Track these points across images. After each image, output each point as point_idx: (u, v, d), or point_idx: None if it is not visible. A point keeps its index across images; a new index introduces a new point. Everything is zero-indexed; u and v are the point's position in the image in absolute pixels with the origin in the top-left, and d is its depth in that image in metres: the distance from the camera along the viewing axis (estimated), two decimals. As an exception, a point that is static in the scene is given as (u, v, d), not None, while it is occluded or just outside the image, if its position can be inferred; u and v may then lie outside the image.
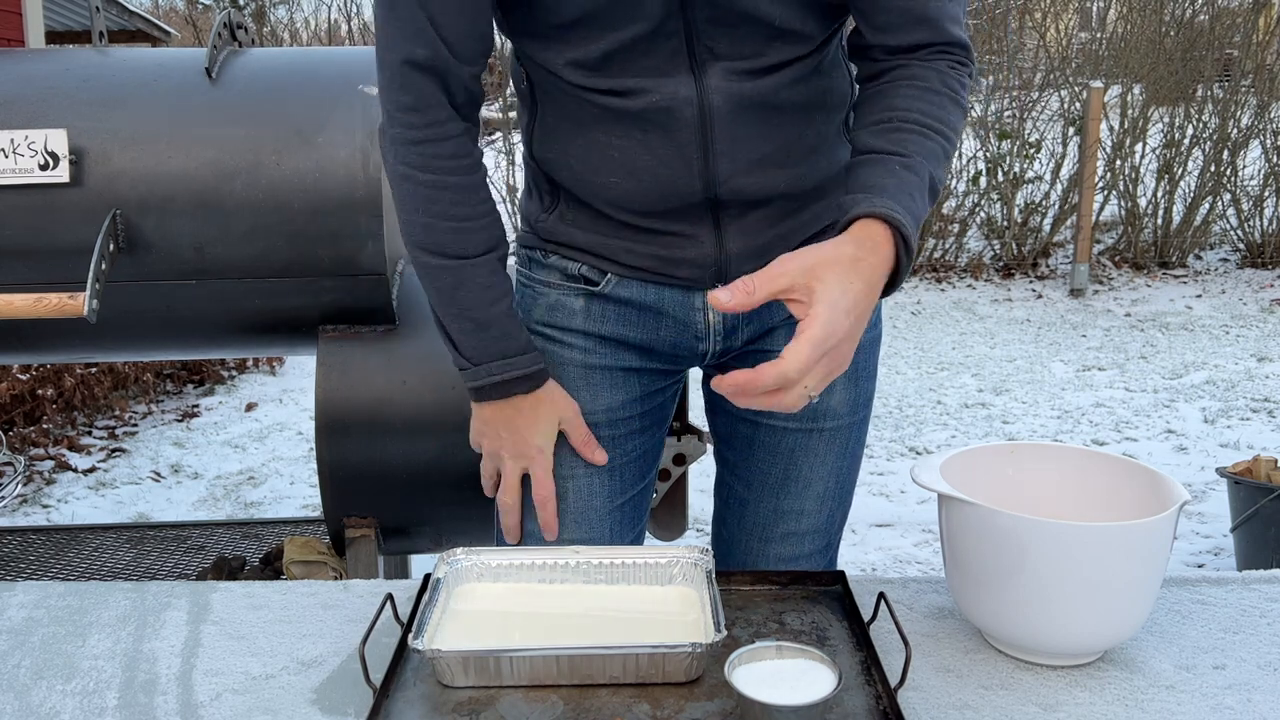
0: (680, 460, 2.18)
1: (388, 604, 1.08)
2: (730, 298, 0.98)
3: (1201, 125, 7.63)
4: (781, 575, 1.19)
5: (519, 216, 1.38)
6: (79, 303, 1.90)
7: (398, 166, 1.19)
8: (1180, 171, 7.66)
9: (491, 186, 1.28)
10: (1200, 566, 3.45)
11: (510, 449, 1.28)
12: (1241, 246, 7.81)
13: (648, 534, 1.60)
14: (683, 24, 1.12)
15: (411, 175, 1.19)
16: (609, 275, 1.30)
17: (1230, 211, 7.78)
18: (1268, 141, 7.60)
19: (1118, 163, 7.61)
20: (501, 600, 1.11)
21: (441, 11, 1.13)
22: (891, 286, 1.06)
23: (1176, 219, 7.72)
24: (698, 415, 2.26)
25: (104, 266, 1.96)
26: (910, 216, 1.04)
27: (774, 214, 1.26)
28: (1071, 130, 7.55)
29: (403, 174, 1.19)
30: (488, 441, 1.30)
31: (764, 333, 1.35)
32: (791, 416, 1.35)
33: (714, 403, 1.45)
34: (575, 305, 1.32)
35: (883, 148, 1.09)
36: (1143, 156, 7.67)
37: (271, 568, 2.63)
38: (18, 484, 2.84)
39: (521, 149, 1.32)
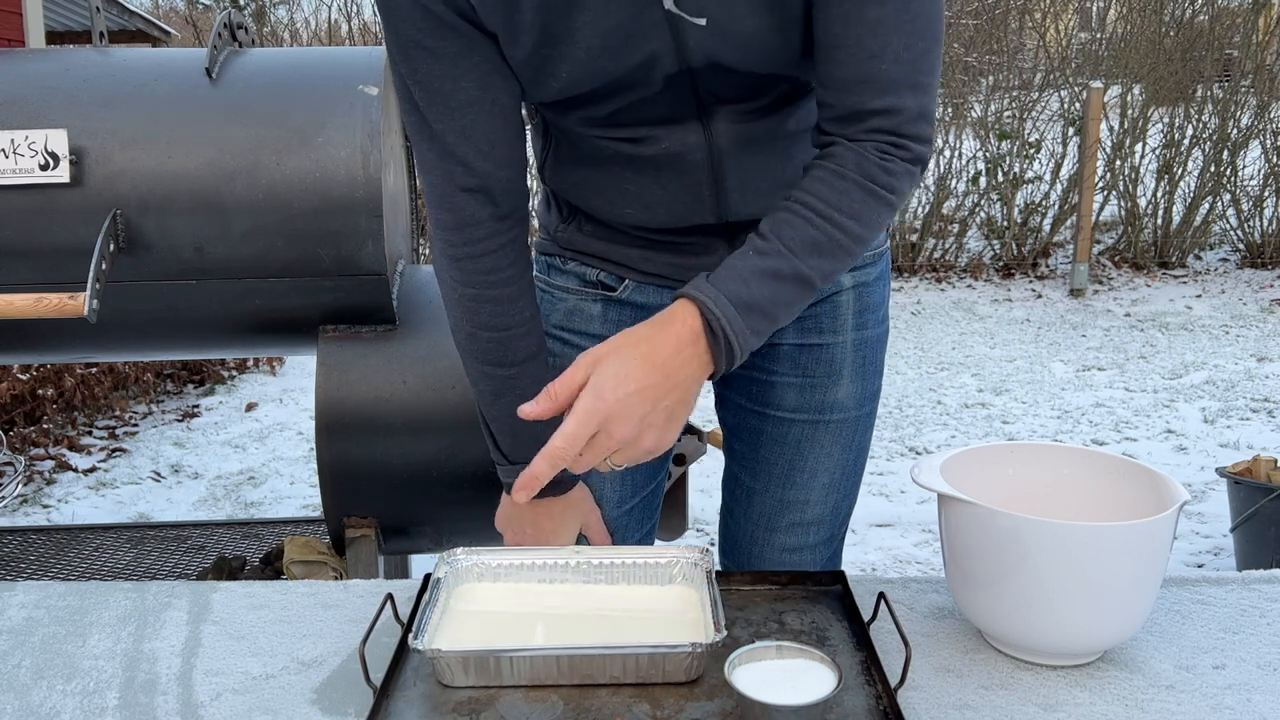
0: (680, 460, 2.18)
1: (388, 604, 1.08)
2: (536, 407, 1.01)
3: (1201, 125, 7.63)
4: (781, 575, 1.19)
5: (536, 223, 1.40)
6: (79, 303, 1.90)
7: (443, 275, 1.22)
8: (1180, 171, 7.66)
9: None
10: (1200, 566, 3.45)
11: (533, 544, 1.30)
12: (1241, 246, 7.81)
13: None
14: (689, 82, 1.13)
15: (455, 287, 1.21)
16: (626, 281, 1.33)
17: (1230, 211, 7.77)
18: (1268, 141, 7.60)
19: (1118, 163, 7.60)
20: (501, 600, 1.11)
21: (479, 135, 1.13)
22: (723, 359, 1.04)
23: (1176, 219, 7.72)
24: (697, 415, 2.27)
25: (104, 266, 1.96)
26: (726, 298, 1.03)
27: None
28: (1071, 130, 7.55)
29: (448, 283, 1.22)
30: (511, 533, 1.33)
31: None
32: (798, 408, 1.38)
33: (722, 396, 1.48)
34: (593, 310, 1.35)
35: (760, 229, 1.08)
36: (1143, 156, 7.67)
37: (272, 568, 2.64)
38: (18, 484, 2.84)
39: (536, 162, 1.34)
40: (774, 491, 1.42)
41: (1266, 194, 7.70)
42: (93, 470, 4.38)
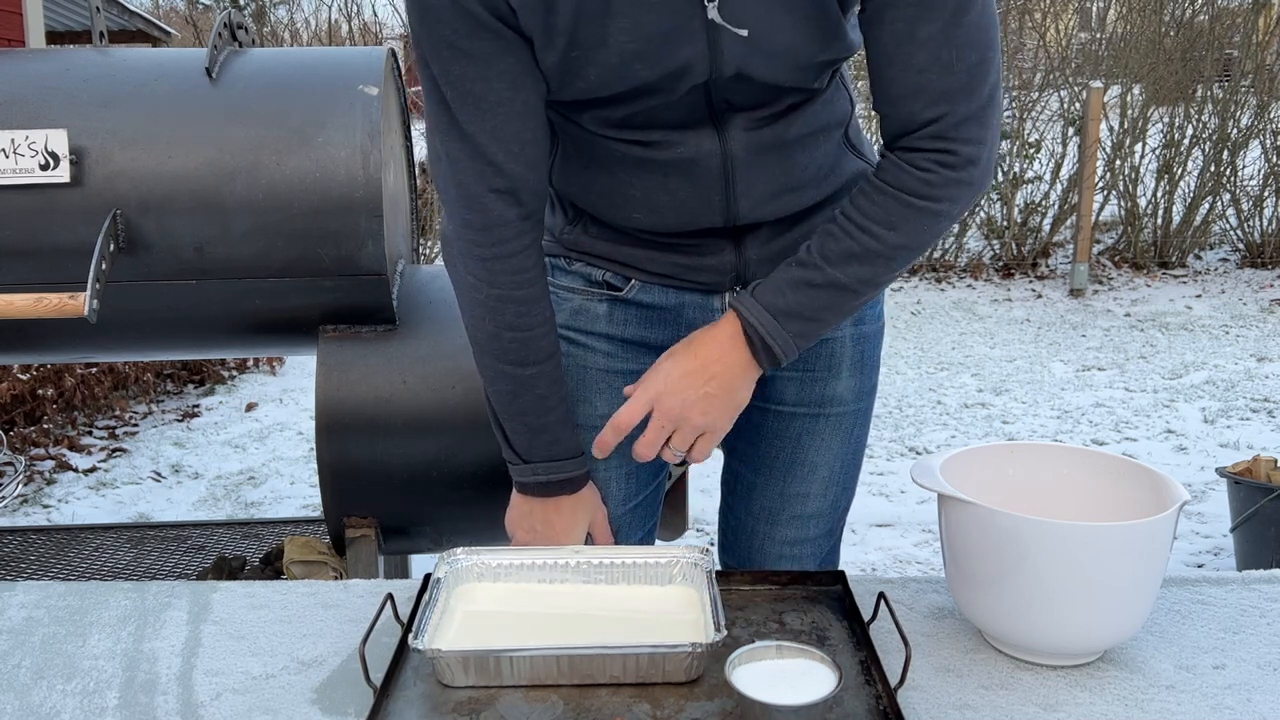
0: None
1: (388, 604, 1.08)
2: (605, 447, 1.23)
3: (1201, 125, 7.63)
4: (781, 575, 1.19)
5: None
6: (79, 303, 1.90)
7: (465, 276, 1.22)
8: (1180, 171, 7.65)
9: None
10: (1200, 566, 3.45)
11: (544, 543, 1.30)
12: (1241, 246, 7.81)
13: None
14: (704, 89, 1.14)
15: (479, 287, 1.21)
16: (632, 281, 1.34)
17: (1230, 211, 7.77)
18: (1267, 141, 7.59)
19: (1117, 163, 7.60)
20: (501, 600, 1.11)
21: (510, 136, 1.14)
22: (763, 357, 1.19)
23: (1176, 219, 7.72)
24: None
25: (104, 266, 1.96)
26: (763, 306, 1.17)
27: (789, 224, 1.31)
28: (1071, 130, 7.55)
29: (470, 284, 1.22)
30: (522, 533, 1.33)
31: None
32: (799, 401, 1.40)
33: None
34: (599, 310, 1.35)
35: (807, 244, 1.19)
36: (1142, 156, 7.66)
37: (271, 568, 2.64)
38: (18, 484, 2.84)
39: None
40: (775, 485, 1.43)
41: (1266, 194, 7.69)
42: (93, 470, 4.38)
